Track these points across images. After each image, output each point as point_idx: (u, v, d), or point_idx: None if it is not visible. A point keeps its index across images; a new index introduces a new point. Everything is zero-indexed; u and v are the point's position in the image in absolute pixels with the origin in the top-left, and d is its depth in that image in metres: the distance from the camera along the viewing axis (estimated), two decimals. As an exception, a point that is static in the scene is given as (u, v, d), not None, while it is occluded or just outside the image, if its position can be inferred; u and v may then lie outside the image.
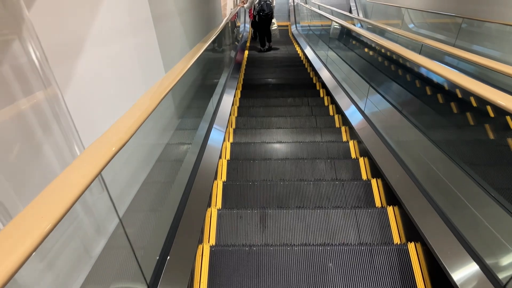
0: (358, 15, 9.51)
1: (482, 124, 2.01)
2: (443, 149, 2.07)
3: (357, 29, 3.78)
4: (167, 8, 3.33)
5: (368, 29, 6.62)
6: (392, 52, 2.89)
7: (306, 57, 6.81)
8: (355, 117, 3.41)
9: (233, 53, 6.35)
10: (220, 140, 3.20)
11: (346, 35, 4.72)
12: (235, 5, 10.67)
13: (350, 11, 10.05)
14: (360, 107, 3.47)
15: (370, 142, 2.87)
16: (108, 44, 2.08)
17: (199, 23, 5.02)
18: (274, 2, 7.17)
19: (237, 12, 8.02)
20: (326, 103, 4.40)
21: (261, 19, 6.81)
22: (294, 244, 2.00)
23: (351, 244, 1.98)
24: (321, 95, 4.78)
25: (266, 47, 7.64)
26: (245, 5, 7.28)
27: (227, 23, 5.13)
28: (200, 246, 1.95)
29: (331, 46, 5.16)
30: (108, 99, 2.07)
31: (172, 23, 3.48)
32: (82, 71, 1.75)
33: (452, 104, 2.26)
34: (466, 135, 2.19)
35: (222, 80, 4.65)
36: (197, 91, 3.36)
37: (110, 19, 2.12)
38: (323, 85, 4.87)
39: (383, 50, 3.10)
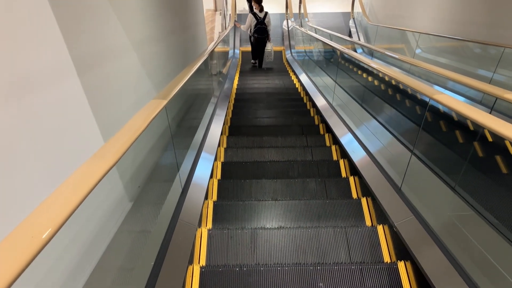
0: (359, 39, 8.63)
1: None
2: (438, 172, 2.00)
3: (388, 71, 2.73)
4: (109, 43, 2.27)
5: (382, 59, 5.67)
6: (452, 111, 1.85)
7: (304, 89, 5.81)
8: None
9: (219, 86, 5.32)
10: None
11: (364, 72, 3.71)
12: (224, 28, 9.78)
13: (350, 35, 9.20)
14: (393, 180, 2.42)
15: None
16: None
17: (173, 55, 3.99)
18: (270, 26, 7.45)
19: (226, 36, 7.06)
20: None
21: (255, 39, 7.39)
22: (285, 264, 1.99)
23: (342, 263, 2.01)
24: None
25: (257, 64, 8.27)
26: (243, 27, 7.59)
27: (211, 52, 4.11)
28: (190, 267, 1.92)
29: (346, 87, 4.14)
30: None
31: (120, 64, 2.42)
32: None
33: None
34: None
35: (204, 122, 3.59)
36: (166, 148, 2.28)
37: None
38: (328, 128, 3.84)
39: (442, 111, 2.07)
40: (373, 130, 2.95)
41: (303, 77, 6.48)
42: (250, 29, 7.33)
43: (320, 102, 4.61)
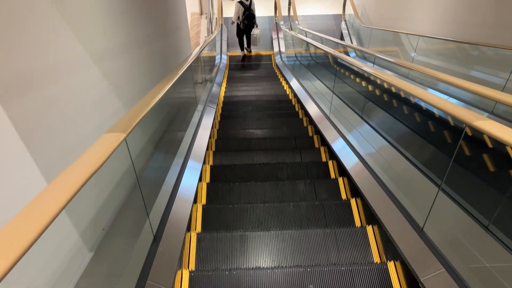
0: (352, 42, 8.26)
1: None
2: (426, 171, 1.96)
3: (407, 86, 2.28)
4: (57, 56, 1.79)
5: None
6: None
7: (296, 97, 5.39)
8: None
9: (204, 96, 4.85)
10: None
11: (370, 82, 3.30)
12: (210, 32, 9.31)
13: (342, 38, 8.83)
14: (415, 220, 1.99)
15: None
16: None
17: (149, 66, 3.52)
18: (255, 11, 7.98)
19: (212, 41, 6.61)
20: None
21: (245, 25, 7.87)
22: (275, 267, 2.00)
23: (332, 264, 2.01)
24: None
25: (246, 52, 8.97)
26: (233, 17, 8.05)
27: (195, 59, 3.63)
28: (179, 271, 1.88)
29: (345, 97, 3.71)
30: None
31: (74, 81, 1.94)
32: None
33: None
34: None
35: (186, 140, 3.13)
36: (132, 188, 1.81)
37: None
38: (316, 130, 3.41)
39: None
40: (387, 156, 2.52)
41: (294, 84, 6.06)
42: (239, 17, 7.80)
43: (314, 111, 4.18)
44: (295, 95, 5.52)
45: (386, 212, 2.14)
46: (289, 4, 9.01)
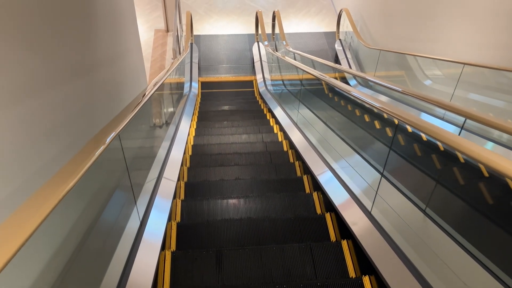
0: (350, 67, 6.84)
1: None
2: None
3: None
4: None
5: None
6: None
7: (295, 150, 3.79)
8: None
9: (167, 138, 3.17)
10: None
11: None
12: (177, 53, 7.68)
13: (336, 60, 7.41)
14: None
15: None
16: None
17: (52, 126, 1.84)
18: None
19: (179, 64, 4.98)
20: None
21: None
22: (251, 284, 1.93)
23: (307, 279, 1.97)
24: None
25: None
26: None
27: (151, 97, 1.98)
28: None
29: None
30: None
31: None
32: None
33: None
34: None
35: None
36: None
37: None
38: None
39: None
40: None
41: (292, 130, 4.49)
42: None
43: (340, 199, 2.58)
44: (295, 150, 3.93)
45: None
46: (273, 19, 7.54)
